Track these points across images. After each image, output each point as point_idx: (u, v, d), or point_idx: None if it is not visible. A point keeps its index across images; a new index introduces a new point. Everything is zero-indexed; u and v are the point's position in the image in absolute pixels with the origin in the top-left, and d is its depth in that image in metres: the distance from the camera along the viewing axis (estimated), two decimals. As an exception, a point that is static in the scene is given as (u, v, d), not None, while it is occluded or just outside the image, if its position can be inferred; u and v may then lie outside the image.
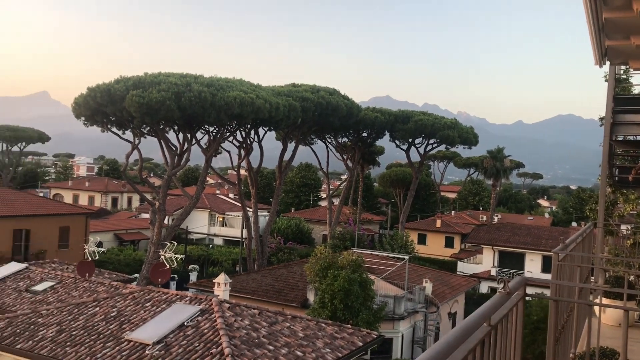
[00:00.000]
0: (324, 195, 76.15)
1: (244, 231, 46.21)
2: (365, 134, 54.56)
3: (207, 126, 39.68)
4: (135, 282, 31.14)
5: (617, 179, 11.91)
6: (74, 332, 15.70)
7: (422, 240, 60.78)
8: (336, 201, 59.39)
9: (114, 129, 38.31)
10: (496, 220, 65.62)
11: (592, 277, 9.11)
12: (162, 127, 37.51)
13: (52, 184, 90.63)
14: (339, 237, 48.16)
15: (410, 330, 28.25)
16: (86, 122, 37.77)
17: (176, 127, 38.60)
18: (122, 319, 16.20)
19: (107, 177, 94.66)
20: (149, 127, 37.88)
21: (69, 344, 15.13)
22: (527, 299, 3.50)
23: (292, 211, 71.72)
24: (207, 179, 68.70)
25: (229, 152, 45.36)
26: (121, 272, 33.39)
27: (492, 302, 2.74)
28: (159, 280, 22.12)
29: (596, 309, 6.12)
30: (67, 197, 79.41)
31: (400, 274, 30.52)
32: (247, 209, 46.07)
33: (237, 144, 44.45)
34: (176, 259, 25.98)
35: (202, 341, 14.47)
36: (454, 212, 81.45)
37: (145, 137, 39.26)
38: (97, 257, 28.31)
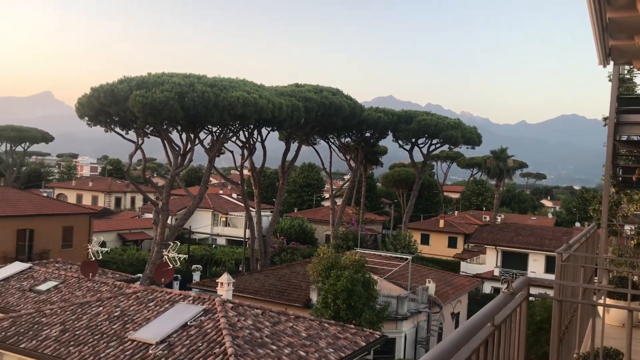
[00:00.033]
0: (327, 195, 76.19)
1: (247, 231, 46.27)
2: (368, 134, 54.53)
3: (210, 126, 39.74)
4: (138, 282, 31.17)
5: (620, 179, 11.89)
6: (78, 332, 15.74)
7: (425, 240, 60.72)
8: (339, 201, 59.41)
9: (118, 129, 38.41)
10: (499, 220, 65.54)
11: (596, 278, 9.09)
12: (165, 127, 37.56)
13: (56, 184, 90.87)
14: (341, 237, 48.17)
15: (413, 330, 28.22)
16: (90, 122, 37.86)
17: (179, 127, 38.64)
18: (126, 319, 16.23)
19: (110, 177, 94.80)
20: (152, 127, 37.94)
21: (72, 343, 15.16)
22: (530, 299, 3.49)
23: (295, 211, 71.70)
24: (210, 179, 68.76)
25: (232, 152, 45.42)
26: (124, 272, 33.46)
27: (496, 302, 2.74)
28: (162, 280, 22.14)
29: (600, 309, 6.11)
30: (71, 197, 79.59)
31: (403, 274, 30.49)
32: (250, 209, 46.10)
33: (240, 144, 44.52)
34: (179, 258, 25.97)
35: (205, 341, 14.49)
36: (457, 212, 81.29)
37: (148, 137, 39.35)
38: (101, 257, 28.31)
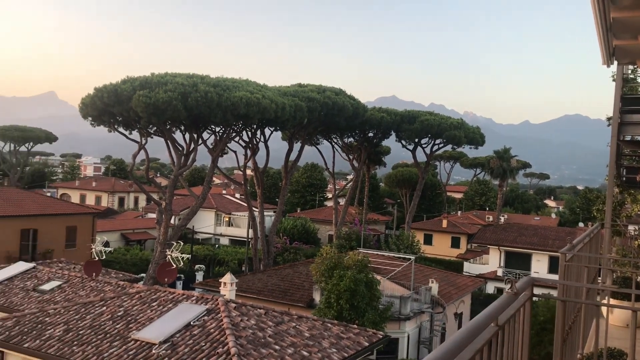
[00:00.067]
0: (330, 195, 76.17)
1: (250, 231, 46.29)
2: (371, 134, 54.50)
3: (213, 126, 39.77)
4: (141, 282, 31.22)
5: (624, 179, 11.86)
6: (81, 332, 15.77)
7: (428, 240, 60.68)
8: (342, 201, 59.43)
9: (121, 129, 38.47)
10: (502, 220, 65.43)
11: (600, 278, 9.07)
12: (168, 127, 37.62)
13: (60, 184, 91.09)
14: (344, 237, 48.15)
15: (416, 330, 28.21)
16: (93, 122, 37.93)
17: (183, 127, 38.69)
18: (129, 319, 16.26)
19: (114, 177, 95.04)
20: (155, 127, 38.00)
21: (76, 343, 15.20)
22: (534, 299, 3.49)
23: (298, 211, 71.74)
24: (214, 179, 68.93)
25: (235, 152, 45.46)
26: (128, 272, 33.48)
27: (500, 302, 2.74)
28: (166, 279, 22.17)
29: (604, 309, 6.10)
30: (74, 197, 79.79)
31: (406, 274, 30.47)
32: (253, 209, 46.13)
33: (244, 144, 44.55)
34: (182, 258, 25.99)
35: (209, 341, 14.50)
36: (460, 212, 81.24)
37: (152, 137, 39.40)
38: (104, 256, 28.36)
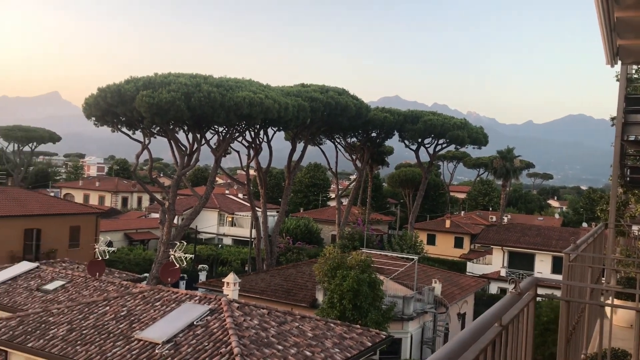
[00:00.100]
0: (333, 195, 76.21)
1: (253, 231, 46.32)
2: (374, 134, 54.48)
3: (216, 126, 39.81)
4: (145, 282, 31.27)
5: (628, 179, 11.83)
6: (85, 331, 15.80)
7: (431, 240, 60.63)
8: (345, 201, 59.39)
9: (124, 129, 38.54)
10: (506, 220, 65.30)
11: (603, 278, 9.05)
12: (171, 127, 37.67)
13: (63, 184, 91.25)
14: (347, 237, 48.13)
15: (419, 330, 28.18)
16: (97, 123, 38.02)
17: (186, 128, 38.74)
18: (132, 318, 16.29)
19: (117, 177, 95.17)
20: (158, 127, 38.05)
21: (79, 342, 15.23)
22: (537, 299, 3.48)
23: (301, 211, 71.76)
24: (217, 179, 69.02)
25: (238, 152, 45.49)
26: (131, 272, 33.53)
27: (503, 302, 2.73)
28: (169, 279, 22.19)
29: (608, 310, 6.08)
30: (78, 197, 79.90)
31: (409, 274, 30.44)
32: (256, 208, 46.17)
33: (246, 144, 44.57)
34: (186, 258, 25.99)
35: (212, 340, 14.52)
36: (463, 212, 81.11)
37: (155, 137, 39.46)
38: (107, 256, 28.37)
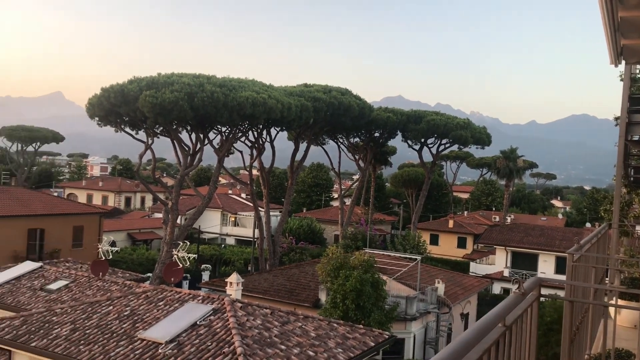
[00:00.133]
0: (336, 195, 76.12)
1: (256, 231, 46.34)
2: (377, 134, 54.45)
3: (219, 126, 39.82)
4: (148, 282, 31.29)
5: (632, 179, 11.80)
6: (88, 331, 15.83)
7: (434, 240, 60.56)
8: (348, 201, 59.38)
9: (128, 129, 38.59)
10: (509, 220, 65.26)
11: (607, 278, 9.02)
12: (175, 127, 37.71)
13: (66, 184, 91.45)
14: (350, 237, 48.12)
15: (422, 330, 28.16)
16: (100, 123, 38.07)
17: (189, 128, 38.76)
18: (135, 318, 16.31)
19: (120, 177, 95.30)
20: (162, 127, 38.09)
21: (82, 342, 15.26)
22: (541, 299, 3.47)
23: (304, 211, 71.77)
24: (220, 179, 68.91)
25: (241, 152, 45.51)
26: (134, 272, 33.61)
27: (507, 302, 2.73)
28: (172, 279, 22.23)
29: (611, 310, 6.06)
30: (81, 197, 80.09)
31: (412, 274, 30.42)
32: (259, 208, 46.18)
33: (249, 144, 44.60)
34: (189, 258, 26.01)
35: (215, 340, 14.53)
36: (466, 212, 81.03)
37: (158, 137, 39.50)
38: (111, 256, 28.39)
